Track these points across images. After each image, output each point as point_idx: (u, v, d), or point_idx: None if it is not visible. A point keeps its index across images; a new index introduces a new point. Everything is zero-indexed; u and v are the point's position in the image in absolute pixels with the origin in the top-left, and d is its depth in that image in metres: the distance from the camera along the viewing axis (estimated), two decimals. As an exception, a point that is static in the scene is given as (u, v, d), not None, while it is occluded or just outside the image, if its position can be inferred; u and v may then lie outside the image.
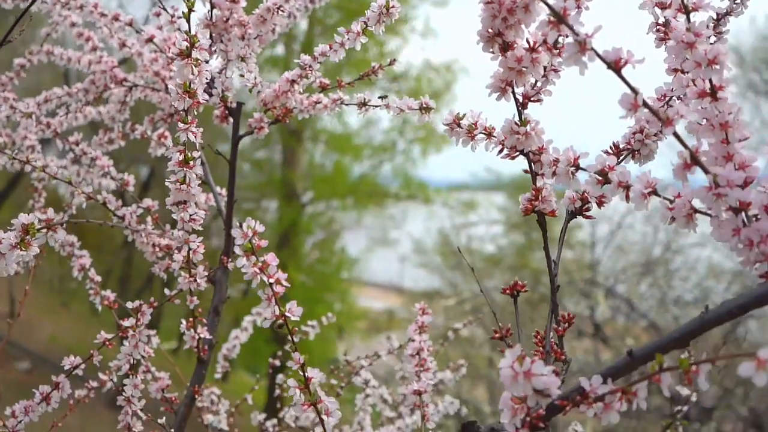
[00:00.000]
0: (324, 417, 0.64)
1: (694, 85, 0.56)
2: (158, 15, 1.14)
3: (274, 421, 1.26)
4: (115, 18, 1.11)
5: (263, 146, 11.65)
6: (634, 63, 0.50)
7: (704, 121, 0.55)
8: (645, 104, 0.51)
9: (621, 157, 0.69)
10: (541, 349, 0.64)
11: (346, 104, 0.97)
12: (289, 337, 0.65)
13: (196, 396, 0.98)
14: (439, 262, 10.34)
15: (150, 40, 1.06)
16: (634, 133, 0.68)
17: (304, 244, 11.30)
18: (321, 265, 11.31)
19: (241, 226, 0.61)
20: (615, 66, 0.51)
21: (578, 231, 9.06)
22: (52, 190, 1.51)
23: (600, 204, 0.68)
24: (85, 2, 1.11)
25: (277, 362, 1.49)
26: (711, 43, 0.72)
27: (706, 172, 0.51)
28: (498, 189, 11.36)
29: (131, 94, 1.20)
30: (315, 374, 0.65)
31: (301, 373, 0.65)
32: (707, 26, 0.72)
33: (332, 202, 12.14)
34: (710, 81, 0.53)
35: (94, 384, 1.10)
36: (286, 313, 0.63)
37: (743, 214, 0.52)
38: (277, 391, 1.38)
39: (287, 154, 11.23)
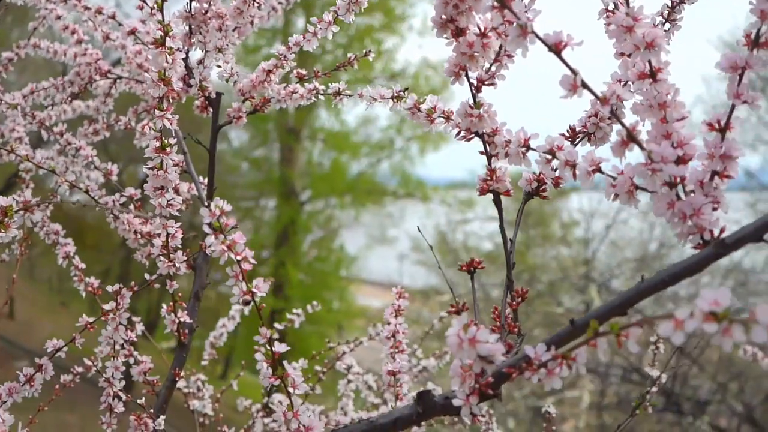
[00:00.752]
0: (290, 390, 0.67)
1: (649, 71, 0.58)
2: (141, 8, 1.17)
3: (258, 406, 1.29)
4: (98, 11, 1.14)
5: (261, 145, 11.68)
6: (573, 45, 0.53)
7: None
8: (584, 85, 0.53)
9: (577, 140, 0.71)
10: (497, 323, 0.66)
11: (322, 94, 1.00)
12: (258, 315, 0.68)
13: (177, 379, 1.01)
14: (438, 259, 10.34)
15: (132, 32, 1.09)
16: (589, 117, 0.71)
17: (303, 243, 11.32)
18: (319, 263, 11.33)
19: (209, 206, 0.64)
20: (555, 48, 0.53)
21: (575, 228, 9.09)
22: (49, 189, 1.51)
23: (556, 185, 0.70)
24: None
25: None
26: (666, 30, 0.75)
27: (642, 148, 0.54)
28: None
29: (116, 86, 1.23)
30: (282, 348, 0.68)
31: (269, 348, 0.68)
32: (661, 14, 0.75)
33: (330, 200, 12.16)
34: (649, 63, 0.56)
35: (80, 369, 1.13)
36: (253, 289, 0.66)
37: (678, 188, 0.55)
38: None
39: (285, 152, 11.25)
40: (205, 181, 1.14)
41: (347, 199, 12.01)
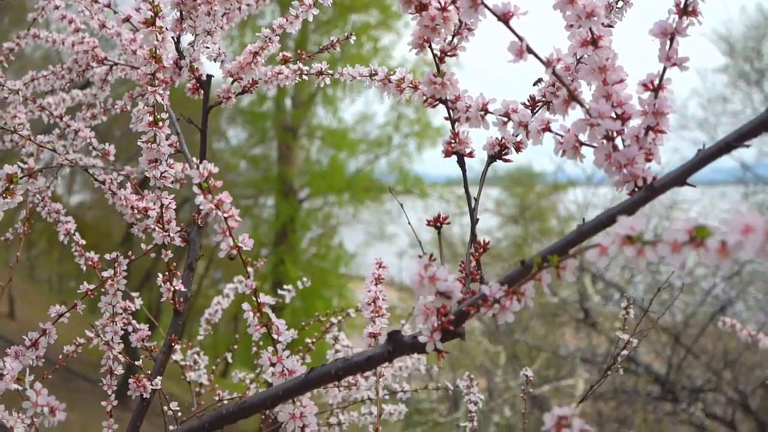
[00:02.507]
0: (275, 336, 0.74)
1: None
2: (135, -3, 1.23)
3: (251, 376, 1.35)
4: (95, 0, 1.20)
5: (259, 143, 11.74)
6: (519, 15, 0.59)
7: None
8: (529, 50, 0.60)
9: (537, 108, 0.78)
10: (462, 273, 0.73)
11: (306, 74, 1.06)
12: (244, 268, 0.74)
13: (173, 344, 1.07)
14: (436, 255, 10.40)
15: (127, 19, 1.15)
16: (547, 86, 0.77)
17: (302, 240, 11.38)
18: (318, 260, 11.39)
19: (198, 168, 0.70)
20: (504, 18, 0.60)
21: (573, 223, 9.15)
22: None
23: (518, 149, 0.77)
24: None
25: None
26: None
27: (582, 106, 0.60)
28: (494, 183, 11.46)
29: (112, 73, 1.29)
30: (267, 299, 0.74)
31: (254, 299, 0.74)
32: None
33: (329, 198, 12.22)
34: (591, 31, 0.62)
35: (81, 340, 1.19)
36: (239, 244, 0.72)
37: (618, 142, 0.61)
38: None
39: (283, 150, 11.31)
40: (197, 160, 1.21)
41: (345, 196, 12.07)
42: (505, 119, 0.68)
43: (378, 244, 12.74)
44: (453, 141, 0.72)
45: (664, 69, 0.61)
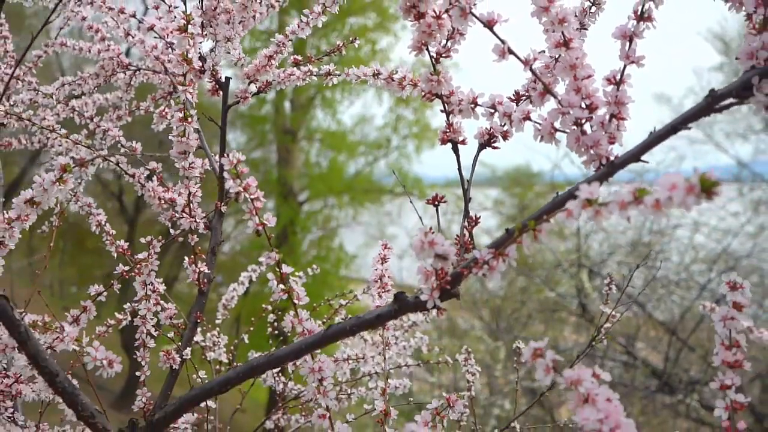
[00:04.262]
0: (296, 301, 0.85)
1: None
2: (157, 8, 1.35)
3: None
4: (121, 11, 1.32)
5: (259, 146, 11.85)
6: (501, 22, 0.71)
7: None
8: (510, 51, 0.71)
9: (521, 101, 0.89)
10: (457, 244, 0.84)
11: (315, 75, 1.18)
12: (268, 241, 0.86)
13: (198, 321, 1.19)
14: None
15: (151, 28, 1.26)
16: (530, 83, 0.89)
17: (302, 242, 11.49)
18: (319, 262, 11.49)
19: (228, 156, 0.82)
20: (489, 24, 0.71)
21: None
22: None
23: (504, 137, 0.88)
24: (94, -1, 1.32)
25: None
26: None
27: (555, 97, 0.72)
28: (492, 183, 11.57)
29: (135, 77, 1.41)
30: (289, 270, 0.86)
31: (278, 269, 0.86)
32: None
33: (329, 200, 12.33)
34: (563, 34, 0.74)
35: (112, 322, 1.30)
36: (264, 221, 0.84)
37: (587, 127, 0.73)
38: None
39: (283, 153, 11.42)
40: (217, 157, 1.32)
41: (345, 198, 12.17)
42: (492, 110, 0.80)
43: (378, 245, 12.78)
44: (448, 130, 0.84)
45: (624, 66, 0.73)
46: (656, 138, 0.67)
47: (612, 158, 0.71)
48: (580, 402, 0.59)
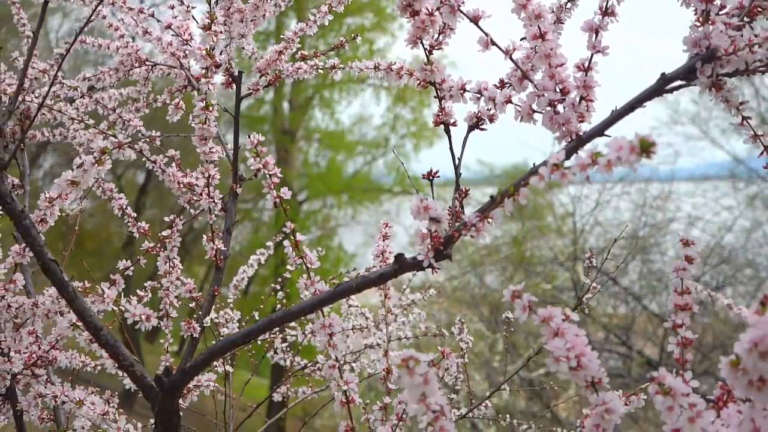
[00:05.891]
0: (309, 265, 0.97)
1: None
2: (172, 7, 1.46)
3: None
4: (140, 11, 1.43)
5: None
6: (485, 17, 0.83)
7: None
8: (492, 42, 0.83)
9: (506, 87, 1.01)
10: (450, 213, 0.96)
11: (321, 69, 1.29)
12: (285, 214, 0.97)
13: (216, 293, 1.30)
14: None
15: (168, 26, 1.38)
16: (512, 71, 1.00)
17: (301, 242, 11.59)
18: (319, 261, 11.59)
19: (249, 137, 0.94)
20: (474, 20, 0.83)
21: (569, 219, 9.40)
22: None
23: (491, 120, 1.00)
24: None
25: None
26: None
27: (532, 82, 0.83)
28: (491, 182, 11.69)
29: (152, 72, 1.52)
30: (303, 238, 0.97)
31: (293, 238, 0.97)
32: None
33: (328, 200, 12.43)
34: (539, 28, 0.86)
35: (142, 293, 1.41)
36: (281, 195, 0.96)
37: (560, 108, 0.84)
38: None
39: (281, 153, 11.53)
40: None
41: (344, 197, 12.28)
42: (479, 95, 0.91)
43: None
44: (440, 113, 0.95)
45: (591, 55, 0.84)
46: (616, 116, 0.78)
47: (580, 134, 0.82)
48: (551, 335, 0.71)
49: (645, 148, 0.59)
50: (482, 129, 1.00)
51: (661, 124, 8.83)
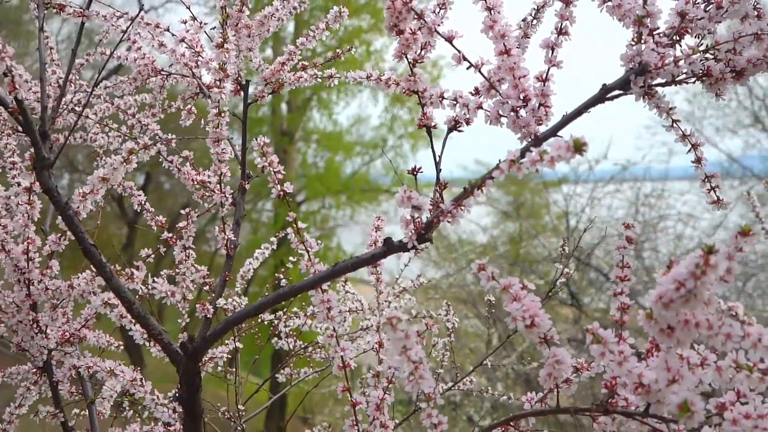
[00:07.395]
0: (309, 249, 1.12)
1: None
2: (185, 22, 1.62)
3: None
4: (157, 26, 1.58)
5: (257, 148, 12.09)
6: (457, 37, 0.98)
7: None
8: (464, 58, 0.98)
9: (480, 95, 1.16)
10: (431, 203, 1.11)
11: (320, 78, 1.45)
12: (287, 205, 1.13)
13: (227, 279, 1.45)
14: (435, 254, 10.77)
15: (182, 40, 1.53)
16: (483, 82, 1.16)
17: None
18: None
19: (257, 139, 1.09)
20: (449, 39, 0.98)
21: (564, 219, 9.56)
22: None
23: (467, 123, 1.15)
24: (134, 15, 1.59)
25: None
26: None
27: (497, 91, 0.99)
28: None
29: (167, 81, 1.68)
30: (304, 226, 1.13)
31: (296, 225, 1.13)
32: (530, 14, 1.20)
33: (326, 200, 12.57)
34: (504, 45, 1.01)
35: (167, 271, 1.56)
36: (284, 189, 1.11)
37: (521, 112, 1.00)
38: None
39: (280, 154, 11.65)
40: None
41: (342, 198, 12.42)
42: (455, 102, 1.07)
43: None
44: (423, 118, 1.11)
45: (548, 68, 1.00)
46: (566, 120, 0.94)
47: (538, 135, 0.98)
48: (510, 300, 0.87)
49: (578, 147, 0.75)
50: (459, 131, 1.15)
51: (655, 123, 8.99)
